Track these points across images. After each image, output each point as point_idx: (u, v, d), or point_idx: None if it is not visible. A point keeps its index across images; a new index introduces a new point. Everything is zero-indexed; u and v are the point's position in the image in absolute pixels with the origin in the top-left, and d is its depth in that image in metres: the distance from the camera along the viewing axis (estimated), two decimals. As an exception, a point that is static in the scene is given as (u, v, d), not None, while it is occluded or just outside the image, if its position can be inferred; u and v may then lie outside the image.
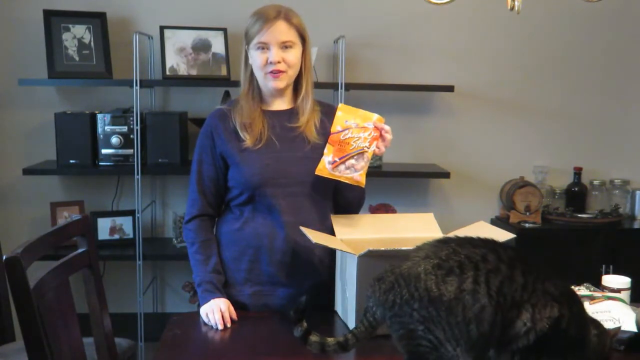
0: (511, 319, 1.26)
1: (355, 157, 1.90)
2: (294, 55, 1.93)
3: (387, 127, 1.94)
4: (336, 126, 1.91)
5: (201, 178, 1.99)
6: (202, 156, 1.99)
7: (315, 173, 1.91)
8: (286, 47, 1.91)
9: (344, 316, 1.83)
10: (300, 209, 1.94)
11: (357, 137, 1.90)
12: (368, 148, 1.90)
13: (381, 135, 1.93)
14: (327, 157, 1.90)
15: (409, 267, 1.30)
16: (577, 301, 1.36)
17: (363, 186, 1.94)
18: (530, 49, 3.48)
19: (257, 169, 1.92)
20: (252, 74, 1.99)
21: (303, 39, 1.96)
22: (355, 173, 1.91)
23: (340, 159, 1.89)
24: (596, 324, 1.39)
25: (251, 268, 1.96)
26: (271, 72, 1.92)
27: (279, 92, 1.99)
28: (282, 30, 1.90)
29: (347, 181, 1.91)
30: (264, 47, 1.91)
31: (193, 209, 2.00)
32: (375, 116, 1.93)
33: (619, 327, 1.47)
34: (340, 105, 1.96)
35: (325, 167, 1.90)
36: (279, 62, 1.90)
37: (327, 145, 1.91)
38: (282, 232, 1.93)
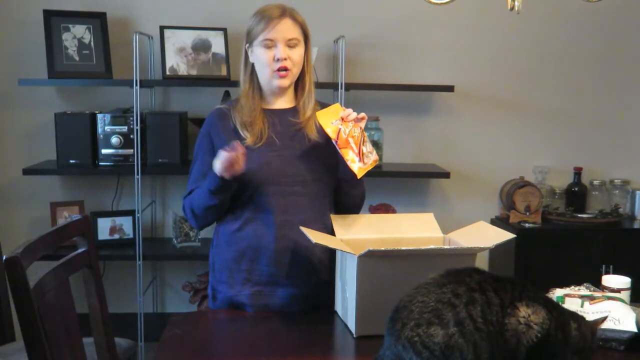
0: (504, 339, 1.25)
1: (364, 144, 1.90)
2: (298, 53, 1.95)
3: (347, 110, 1.90)
4: (330, 133, 1.87)
5: (198, 175, 1.98)
6: (202, 155, 1.99)
7: (358, 178, 1.89)
8: (291, 45, 1.93)
9: (344, 316, 1.83)
10: (300, 208, 1.94)
11: (349, 128, 1.88)
12: (361, 131, 1.90)
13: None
14: (353, 158, 1.87)
15: (394, 342, 1.28)
16: (555, 303, 1.38)
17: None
18: (530, 49, 3.48)
19: (258, 167, 1.92)
20: (252, 73, 1.99)
21: (306, 38, 1.97)
22: (372, 155, 1.91)
23: (359, 151, 1.88)
24: (575, 317, 1.40)
25: (251, 268, 1.96)
26: (278, 69, 1.92)
27: (281, 91, 1.99)
28: (288, 28, 1.92)
29: (373, 166, 1.91)
30: (269, 44, 1.91)
31: (185, 194, 2.01)
32: (338, 106, 1.92)
33: (605, 317, 1.48)
34: (317, 114, 1.92)
35: (359, 167, 1.87)
36: (285, 59, 1.91)
37: (342, 150, 1.86)
38: (283, 231, 1.93)
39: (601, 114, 3.56)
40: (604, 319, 1.46)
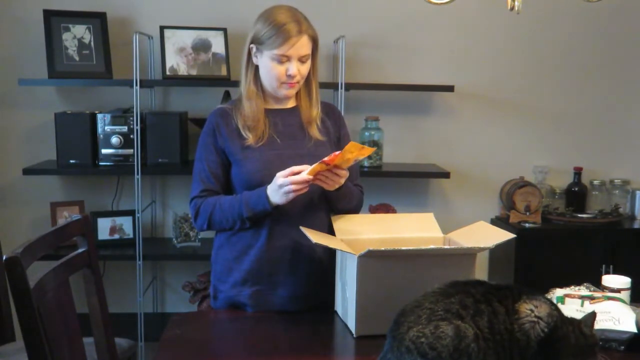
0: (514, 341, 1.26)
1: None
2: (307, 67, 1.97)
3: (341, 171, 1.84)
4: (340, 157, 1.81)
5: (207, 173, 1.97)
6: (206, 154, 1.98)
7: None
8: (303, 60, 1.95)
9: (343, 316, 1.83)
10: (301, 207, 1.94)
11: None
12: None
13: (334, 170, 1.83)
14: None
15: (398, 345, 1.29)
16: (555, 304, 1.38)
17: None
18: (530, 49, 3.48)
19: (259, 166, 1.93)
20: (255, 73, 1.99)
21: (315, 47, 1.99)
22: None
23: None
24: (570, 320, 1.40)
25: (251, 268, 1.96)
26: (287, 83, 1.94)
27: (286, 98, 2.01)
28: (303, 45, 1.93)
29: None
30: (283, 60, 1.92)
31: (195, 192, 1.99)
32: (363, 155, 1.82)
33: (593, 313, 1.47)
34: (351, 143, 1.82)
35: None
36: (295, 75, 1.93)
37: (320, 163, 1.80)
38: (283, 231, 1.93)
39: (601, 114, 3.56)
40: (593, 317, 1.46)
